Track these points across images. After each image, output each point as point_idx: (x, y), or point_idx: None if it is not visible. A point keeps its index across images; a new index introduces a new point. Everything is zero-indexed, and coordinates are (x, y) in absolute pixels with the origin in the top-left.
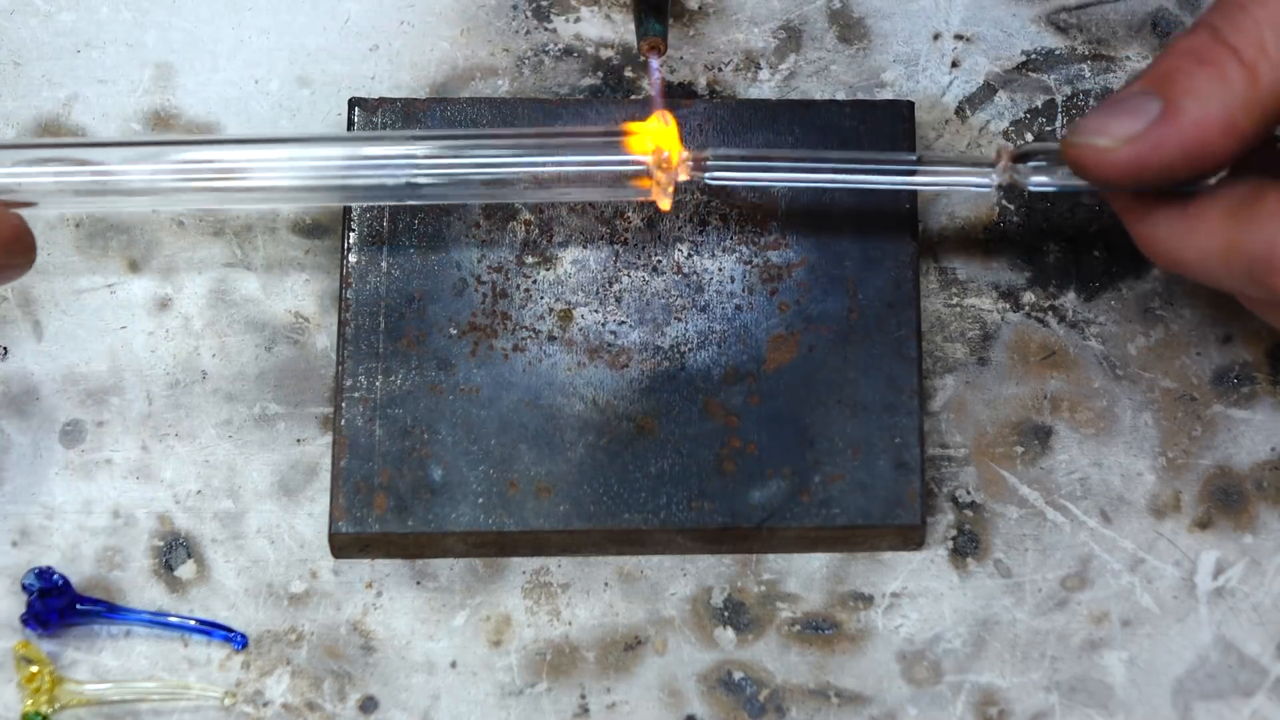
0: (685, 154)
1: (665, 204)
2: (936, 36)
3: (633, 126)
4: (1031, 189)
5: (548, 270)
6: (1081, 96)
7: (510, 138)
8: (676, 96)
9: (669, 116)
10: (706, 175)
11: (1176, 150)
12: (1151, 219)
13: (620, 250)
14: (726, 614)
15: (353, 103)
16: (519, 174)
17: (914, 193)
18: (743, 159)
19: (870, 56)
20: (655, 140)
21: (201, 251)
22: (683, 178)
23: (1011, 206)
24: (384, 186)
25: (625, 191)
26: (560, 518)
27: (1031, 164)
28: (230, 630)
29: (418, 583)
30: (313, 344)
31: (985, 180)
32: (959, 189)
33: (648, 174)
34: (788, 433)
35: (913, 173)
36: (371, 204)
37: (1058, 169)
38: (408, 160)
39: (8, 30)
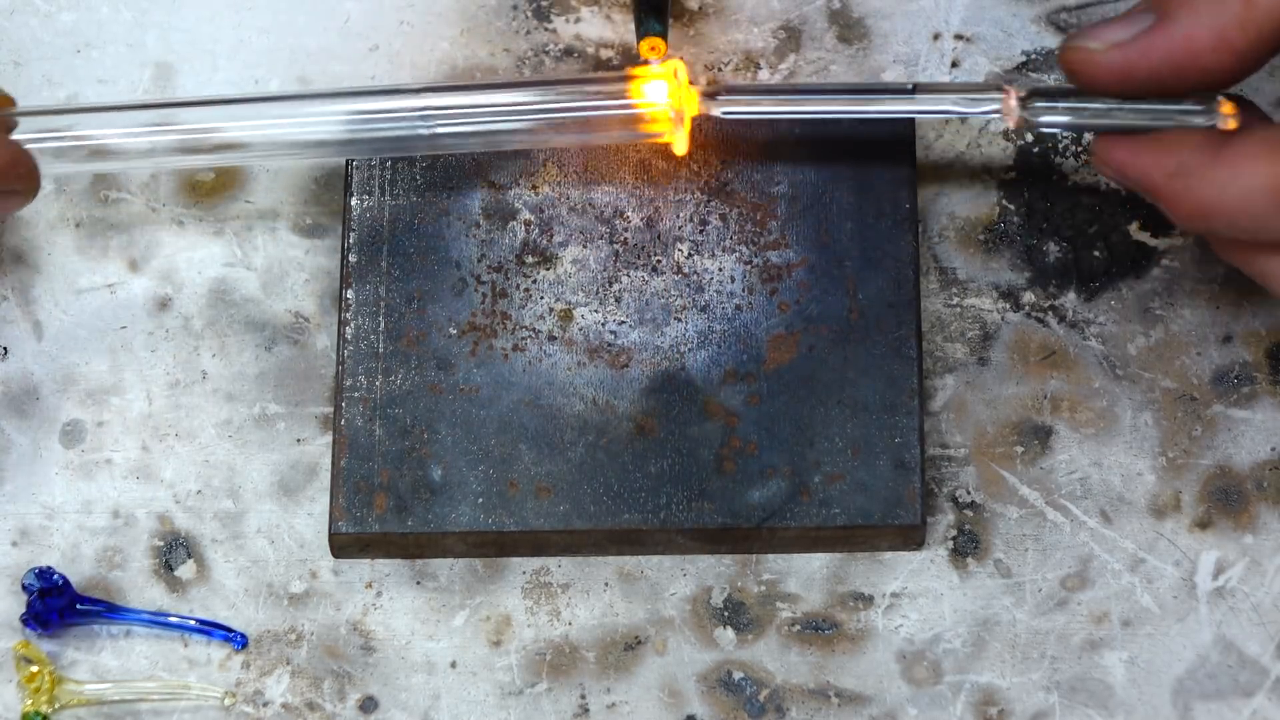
0: (697, 88)
1: (681, 147)
2: (936, 36)
3: (642, 70)
4: (1042, 129)
5: (548, 270)
6: None
7: (519, 86)
8: None
9: (680, 65)
10: (717, 108)
11: (1163, 58)
12: (1184, 171)
13: (620, 250)
14: (726, 614)
15: None
16: (531, 122)
17: (914, 192)
18: (752, 91)
19: (870, 56)
20: (667, 81)
21: (201, 251)
22: (694, 113)
23: (1011, 206)
24: (393, 138)
25: (638, 134)
26: (560, 518)
27: (1041, 102)
28: (230, 630)
29: (418, 583)
30: (313, 344)
31: (994, 108)
32: (966, 114)
33: (661, 115)
34: (788, 433)
35: (911, 98)
36: (380, 155)
37: (1065, 105)
38: (417, 111)
39: (8, 30)
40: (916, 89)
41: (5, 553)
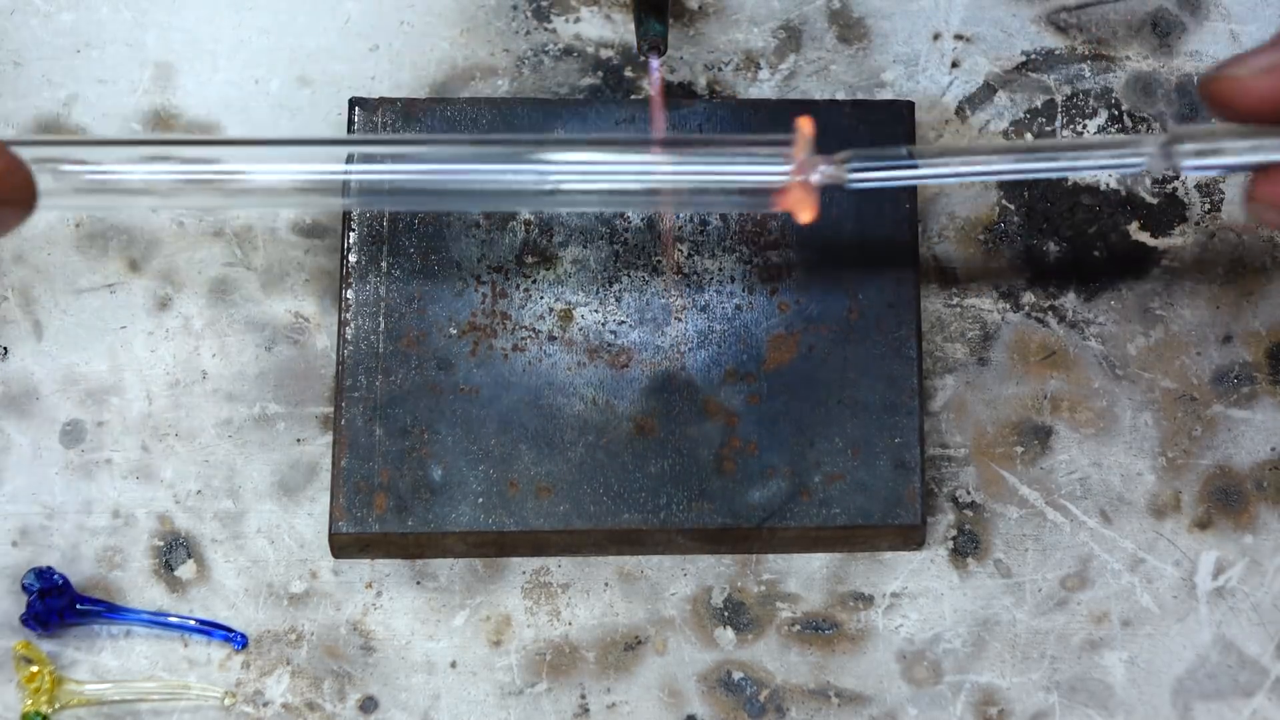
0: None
1: (807, 217)
2: (936, 36)
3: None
4: (1186, 172)
5: (548, 270)
6: (1081, 96)
7: (637, 145)
8: (676, 96)
9: (806, 124)
10: (850, 178)
11: None
12: None
13: (620, 250)
14: (726, 614)
15: (353, 103)
16: (647, 183)
17: (914, 193)
18: (888, 159)
19: (870, 56)
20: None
21: (201, 251)
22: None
23: (1012, 206)
24: (521, 192)
25: (758, 203)
26: (560, 518)
27: (1187, 145)
28: (230, 630)
29: (418, 583)
30: (313, 344)
31: (1139, 161)
32: (1114, 168)
33: (787, 186)
34: (788, 433)
35: (1054, 157)
36: (517, 209)
37: (1211, 147)
38: (542, 167)
39: (8, 30)
40: (1066, 147)
41: (5, 553)
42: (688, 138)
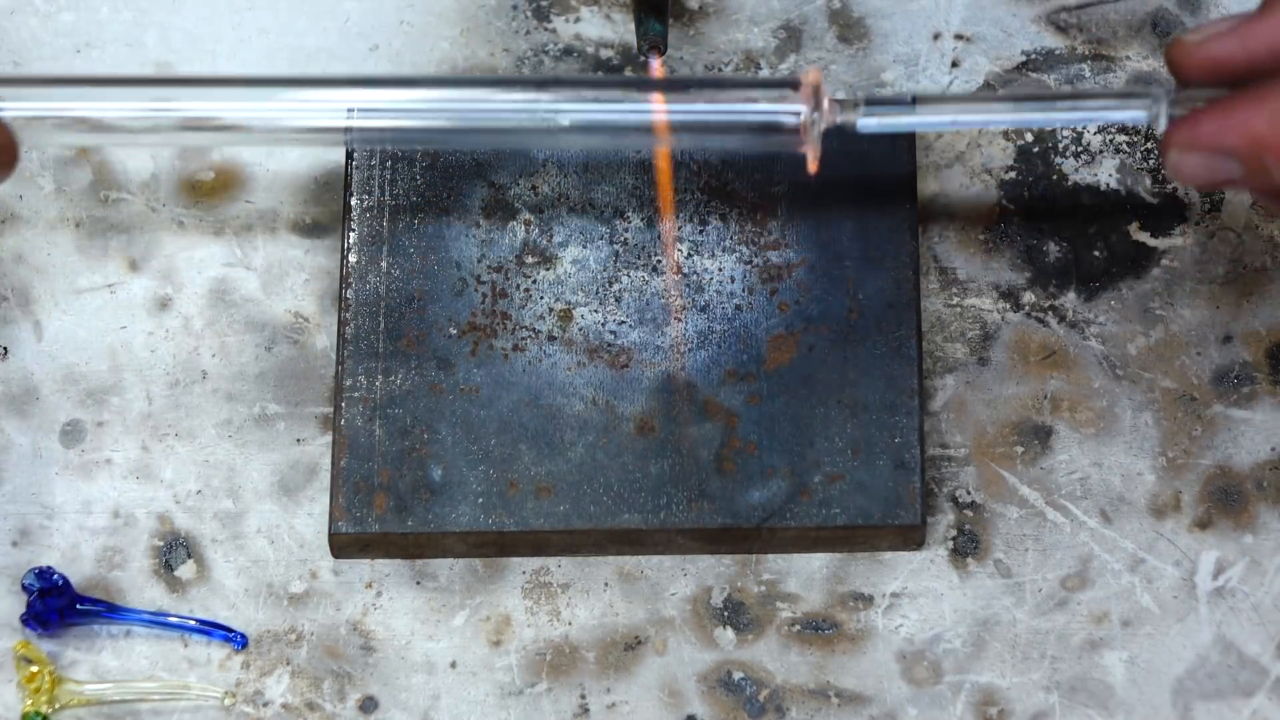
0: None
1: (813, 162)
2: (936, 36)
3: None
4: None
5: (548, 270)
6: None
7: (641, 85)
8: None
9: (815, 71)
10: (860, 121)
11: (1263, 44)
12: None
13: (620, 250)
14: (726, 614)
15: None
16: (661, 119)
17: (914, 192)
18: (890, 103)
19: (870, 56)
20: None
21: (201, 251)
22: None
23: (1012, 206)
24: (525, 129)
25: (768, 143)
26: (560, 518)
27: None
28: (230, 630)
29: (418, 583)
30: (313, 344)
31: (1143, 114)
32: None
33: (800, 125)
34: (788, 433)
35: (1053, 104)
36: (515, 146)
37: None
38: (544, 103)
39: (8, 30)
40: (1066, 95)
41: (5, 553)
42: (698, 78)
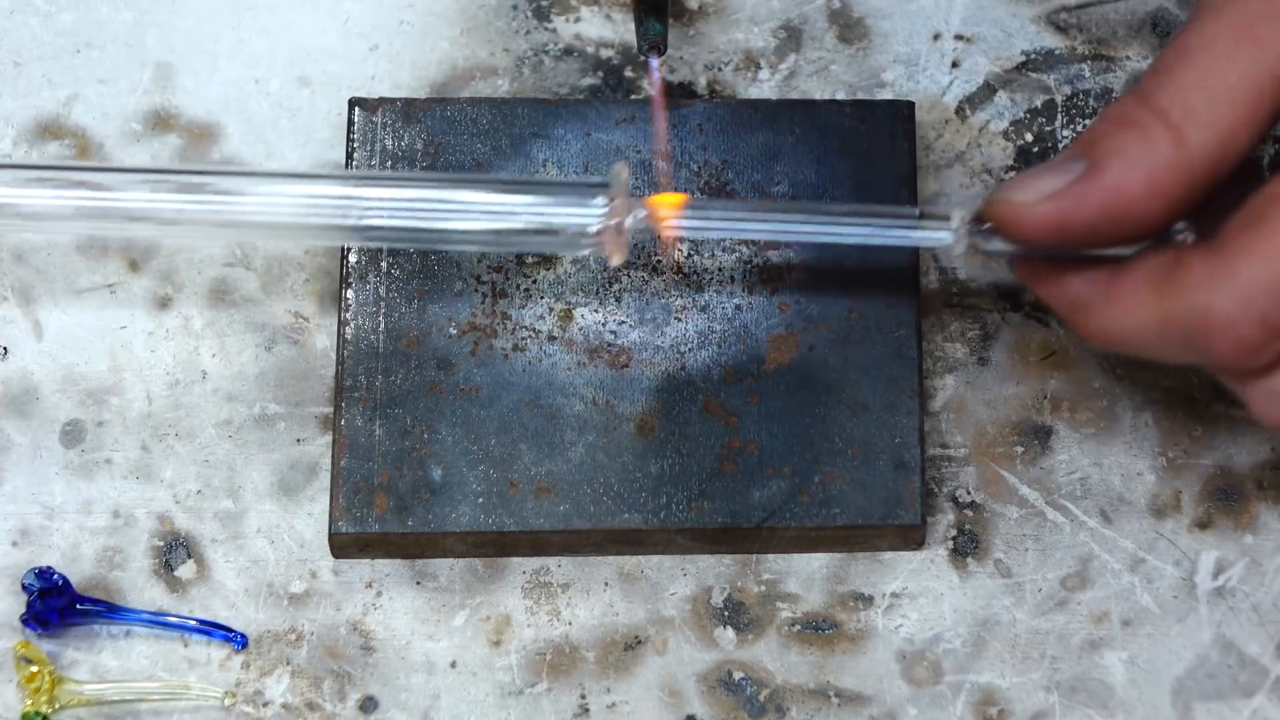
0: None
1: (617, 258)
2: (936, 36)
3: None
4: (989, 253)
5: (548, 270)
6: (1081, 96)
7: (464, 184)
8: (676, 96)
9: (623, 169)
10: (683, 226)
11: (1098, 208)
12: (1081, 305)
13: None
14: (726, 614)
15: (353, 103)
16: (468, 234)
17: (915, 193)
18: (712, 210)
19: (870, 56)
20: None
21: (201, 251)
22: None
23: None
24: (334, 227)
25: (569, 244)
26: (560, 518)
27: (987, 227)
28: (230, 630)
29: (418, 583)
30: (313, 344)
31: (945, 236)
32: (918, 244)
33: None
34: (788, 433)
35: (861, 222)
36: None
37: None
38: (354, 202)
39: (8, 30)
40: (863, 214)
41: (5, 553)
42: (505, 178)
